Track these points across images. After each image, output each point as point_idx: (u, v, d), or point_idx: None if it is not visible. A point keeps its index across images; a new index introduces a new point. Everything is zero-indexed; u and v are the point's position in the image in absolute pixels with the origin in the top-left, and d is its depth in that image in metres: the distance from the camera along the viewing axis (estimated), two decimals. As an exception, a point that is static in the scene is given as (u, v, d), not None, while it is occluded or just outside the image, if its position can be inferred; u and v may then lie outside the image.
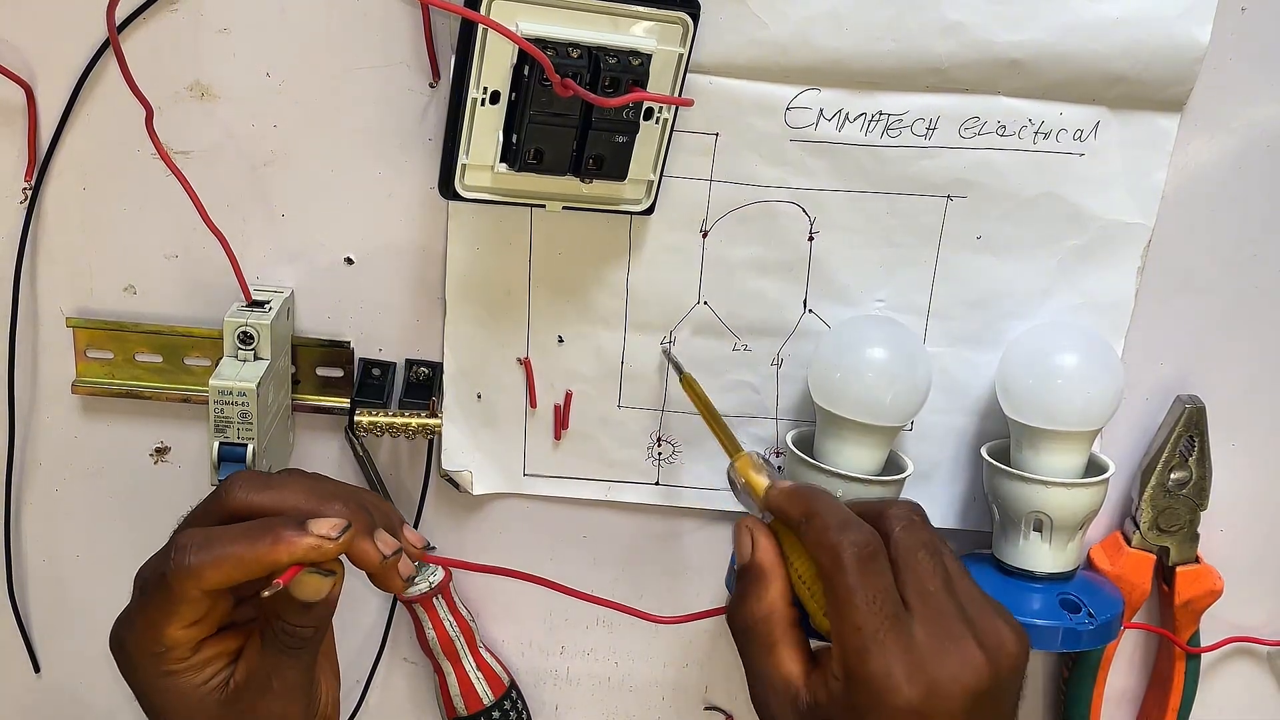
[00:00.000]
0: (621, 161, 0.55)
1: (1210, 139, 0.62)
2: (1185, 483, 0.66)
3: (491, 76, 0.52)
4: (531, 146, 0.53)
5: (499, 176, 0.54)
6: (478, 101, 0.53)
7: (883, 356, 0.61)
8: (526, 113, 0.52)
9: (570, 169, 0.55)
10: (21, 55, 0.60)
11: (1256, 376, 0.67)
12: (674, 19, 0.54)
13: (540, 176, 0.55)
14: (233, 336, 0.60)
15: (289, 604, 0.48)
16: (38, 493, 0.68)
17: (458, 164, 0.54)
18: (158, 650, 0.48)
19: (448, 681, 0.69)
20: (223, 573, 0.46)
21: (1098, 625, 0.61)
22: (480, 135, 0.53)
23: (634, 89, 0.53)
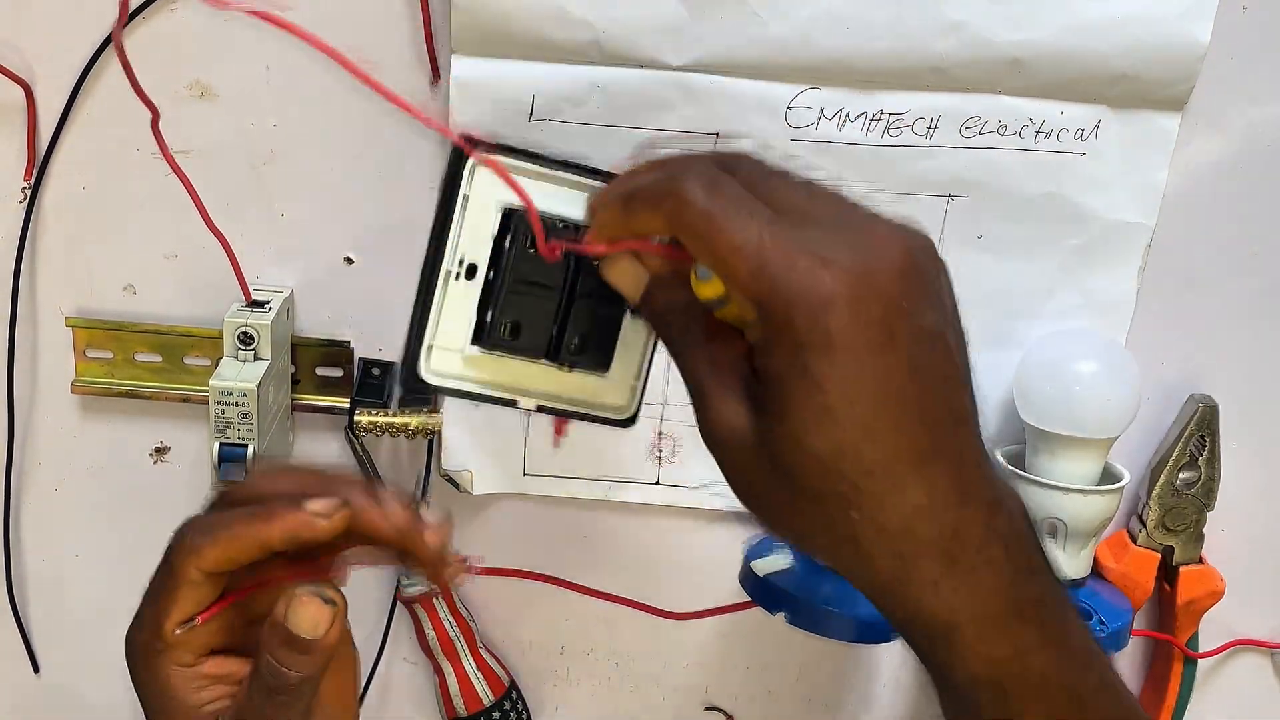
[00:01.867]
0: (606, 344, 0.49)
1: (1211, 138, 0.62)
2: (1193, 482, 0.66)
3: (470, 248, 0.46)
4: (508, 320, 0.47)
5: (470, 360, 0.47)
6: (451, 275, 0.46)
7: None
8: (505, 280, 0.46)
9: (549, 351, 0.48)
10: (21, 55, 0.60)
11: (1258, 376, 0.67)
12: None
13: (516, 362, 0.48)
14: (233, 337, 0.60)
15: (282, 638, 0.45)
16: (37, 493, 0.68)
17: (423, 345, 0.46)
18: (160, 647, 0.46)
19: (447, 682, 0.69)
20: (220, 549, 0.45)
21: (1109, 634, 0.61)
22: (451, 313, 0.46)
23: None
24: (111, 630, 0.71)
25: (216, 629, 0.47)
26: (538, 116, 0.60)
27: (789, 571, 0.62)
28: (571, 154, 0.47)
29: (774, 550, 0.63)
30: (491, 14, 0.57)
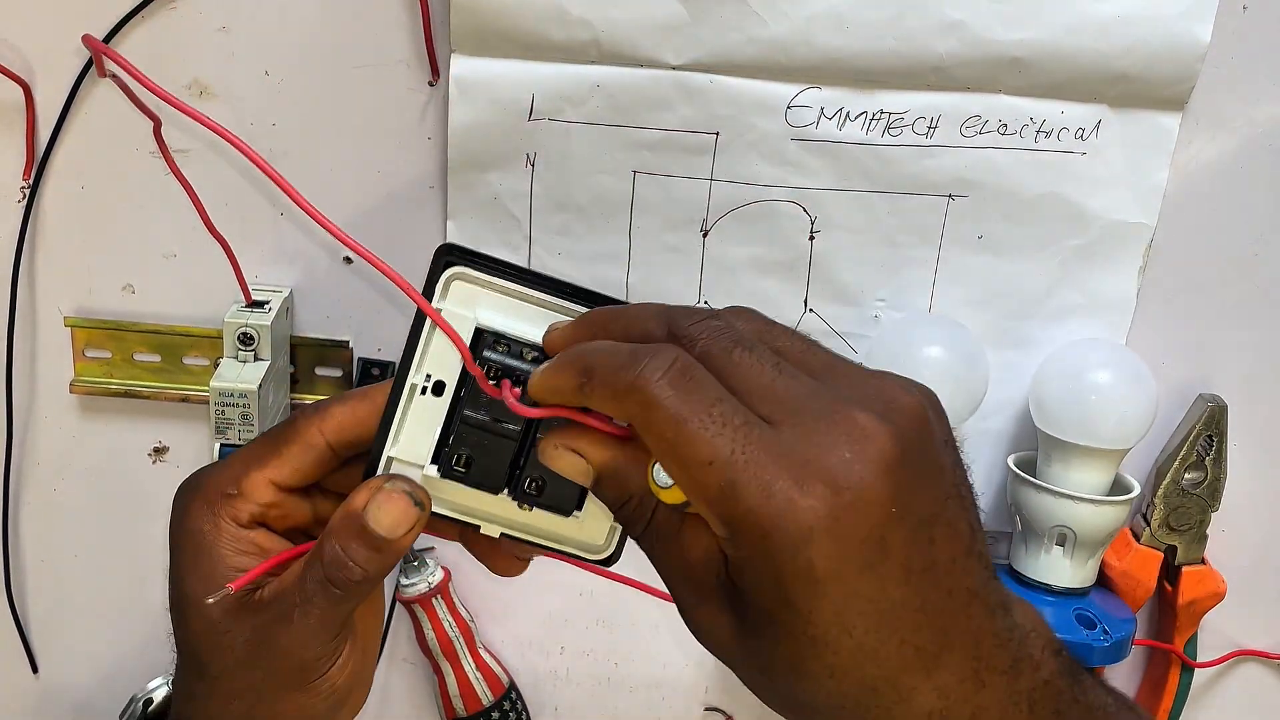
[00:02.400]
0: (566, 494, 0.44)
1: (1212, 138, 0.62)
2: (1199, 482, 0.66)
3: (437, 364, 0.43)
4: (461, 452, 0.43)
5: (429, 480, 0.44)
6: (417, 389, 0.44)
7: (939, 356, 0.61)
8: (461, 411, 0.43)
9: (506, 487, 0.44)
10: (20, 54, 0.60)
11: (1258, 376, 0.67)
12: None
13: (475, 491, 0.44)
14: (233, 337, 0.60)
15: (356, 531, 0.41)
16: (36, 492, 0.68)
17: (383, 455, 0.44)
18: (231, 493, 0.44)
19: (447, 682, 0.69)
20: (348, 410, 0.44)
21: (1112, 643, 0.61)
22: (414, 427, 0.44)
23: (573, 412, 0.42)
24: (111, 630, 0.71)
25: (290, 504, 0.45)
26: (537, 116, 0.60)
27: None
28: (558, 273, 0.44)
29: None
30: (491, 13, 0.57)
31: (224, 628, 0.43)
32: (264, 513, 0.44)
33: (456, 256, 0.43)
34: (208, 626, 0.43)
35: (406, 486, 0.42)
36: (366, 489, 0.42)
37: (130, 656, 0.72)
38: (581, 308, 0.43)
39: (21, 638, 0.71)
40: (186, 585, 0.43)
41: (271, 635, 0.43)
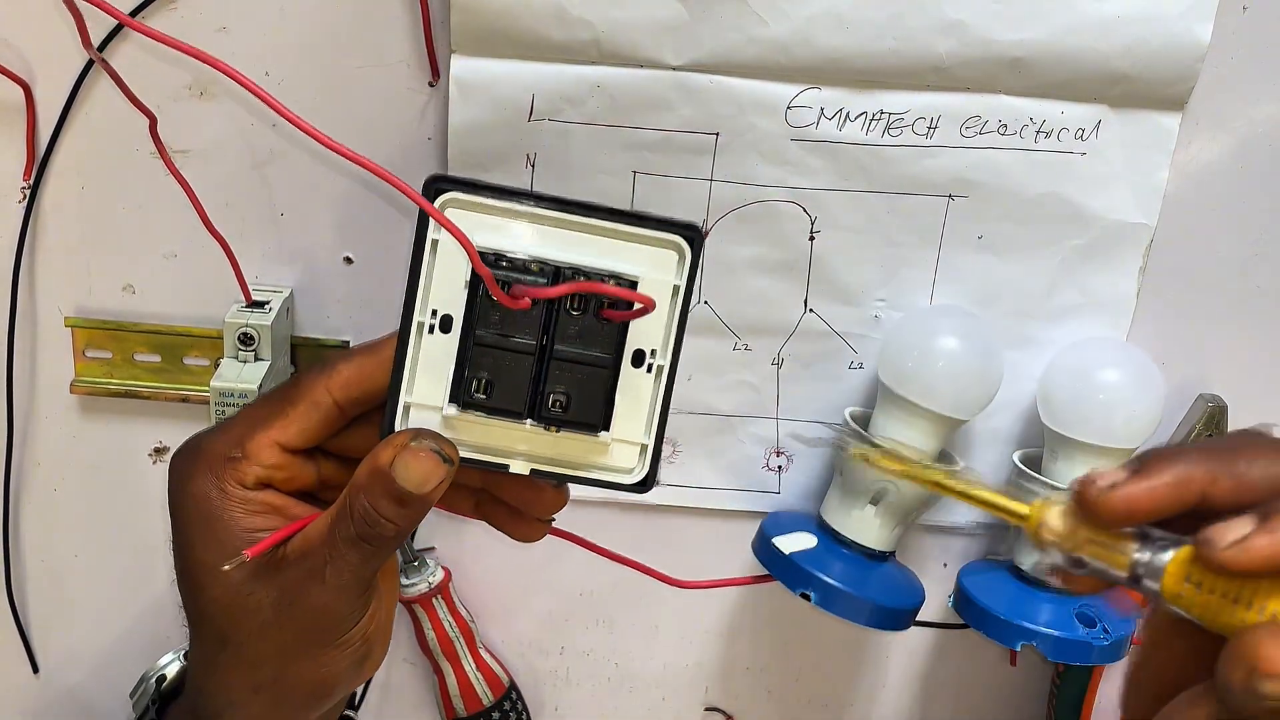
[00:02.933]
0: (592, 405, 0.43)
1: (1212, 138, 0.62)
2: None
3: (442, 297, 0.42)
4: (480, 376, 0.42)
5: (450, 421, 0.43)
6: (424, 327, 0.42)
7: (956, 347, 0.61)
8: (473, 334, 0.42)
9: (529, 410, 0.43)
10: (20, 54, 0.60)
11: (1259, 376, 0.67)
12: (667, 243, 0.43)
13: (500, 424, 0.43)
14: (233, 337, 0.60)
15: (384, 488, 0.41)
16: (36, 493, 0.68)
17: (399, 404, 0.43)
18: (236, 456, 0.43)
19: (447, 682, 0.69)
20: (355, 368, 0.43)
21: (1111, 642, 0.61)
22: (427, 369, 0.43)
23: (608, 311, 0.42)
24: (111, 630, 0.71)
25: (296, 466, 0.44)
26: (537, 116, 0.60)
27: (813, 551, 0.62)
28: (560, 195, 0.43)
29: (796, 528, 0.63)
30: (491, 14, 0.57)
31: (247, 591, 0.42)
32: (269, 475, 0.43)
33: (447, 184, 0.42)
34: (229, 592, 0.42)
35: (433, 444, 0.41)
36: (391, 445, 0.41)
37: (130, 656, 0.72)
38: (582, 218, 0.42)
39: (21, 638, 0.71)
40: (198, 553, 0.42)
41: (301, 594, 0.42)
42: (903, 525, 0.63)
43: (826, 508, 0.64)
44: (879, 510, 0.62)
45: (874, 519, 0.62)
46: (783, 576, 0.61)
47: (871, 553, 0.62)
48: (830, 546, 0.62)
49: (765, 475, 0.68)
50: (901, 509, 0.62)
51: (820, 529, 0.63)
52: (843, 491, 0.63)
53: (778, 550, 0.62)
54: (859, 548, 0.62)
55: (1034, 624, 0.60)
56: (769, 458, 0.67)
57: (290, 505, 0.44)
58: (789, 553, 0.61)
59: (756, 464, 0.68)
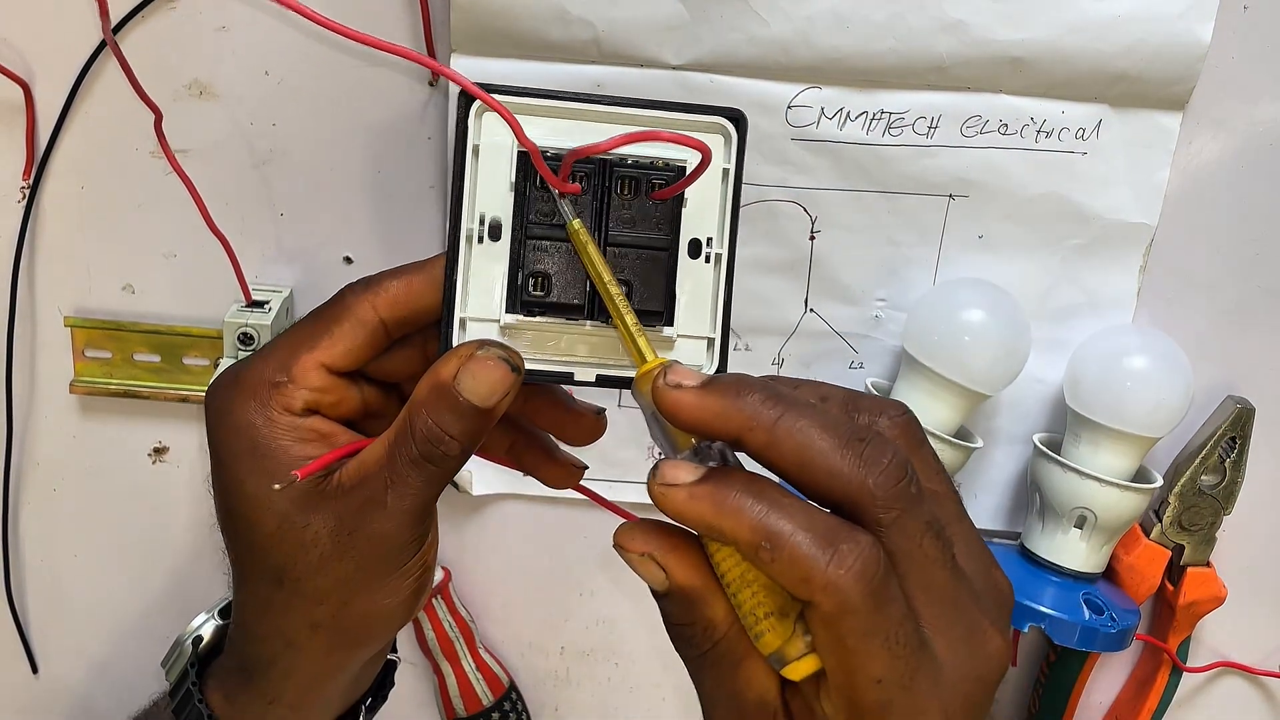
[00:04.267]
0: (654, 294, 0.41)
1: (1213, 137, 0.62)
2: (1216, 484, 0.66)
3: (489, 203, 0.41)
4: (536, 274, 0.41)
5: (508, 330, 0.41)
6: (474, 236, 0.41)
7: (984, 320, 0.61)
8: (525, 229, 0.41)
9: (589, 309, 0.41)
10: (19, 53, 0.60)
11: (1259, 376, 0.67)
12: (712, 127, 0.42)
13: (559, 326, 0.41)
14: (233, 337, 0.60)
15: (449, 403, 0.39)
16: (36, 493, 0.68)
17: (454, 320, 0.41)
18: (282, 381, 0.41)
19: (447, 683, 0.69)
20: (403, 284, 0.41)
21: (1117, 630, 0.61)
22: (480, 279, 0.41)
23: (660, 192, 0.41)
24: (111, 630, 0.71)
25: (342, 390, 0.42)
26: (538, 116, 0.60)
27: None
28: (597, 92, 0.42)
29: None
30: (491, 13, 0.57)
31: (302, 523, 0.40)
32: (317, 399, 0.41)
33: (485, 87, 0.41)
34: (283, 523, 0.40)
35: (501, 351, 0.39)
36: (455, 356, 0.39)
37: (130, 656, 0.72)
38: (621, 110, 0.42)
39: (21, 638, 0.71)
40: (248, 486, 0.40)
41: (362, 522, 0.40)
42: None
43: None
44: None
45: None
46: None
47: None
48: None
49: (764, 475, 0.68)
50: None
51: None
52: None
53: None
54: None
55: (1043, 606, 0.60)
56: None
57: (339, 432, 0.42)
58: None
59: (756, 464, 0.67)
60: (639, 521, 0.38)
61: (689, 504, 0.35)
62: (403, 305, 0.41)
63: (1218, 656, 0.72)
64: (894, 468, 0.35)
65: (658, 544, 0.37)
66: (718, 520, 0.35)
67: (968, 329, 0.61)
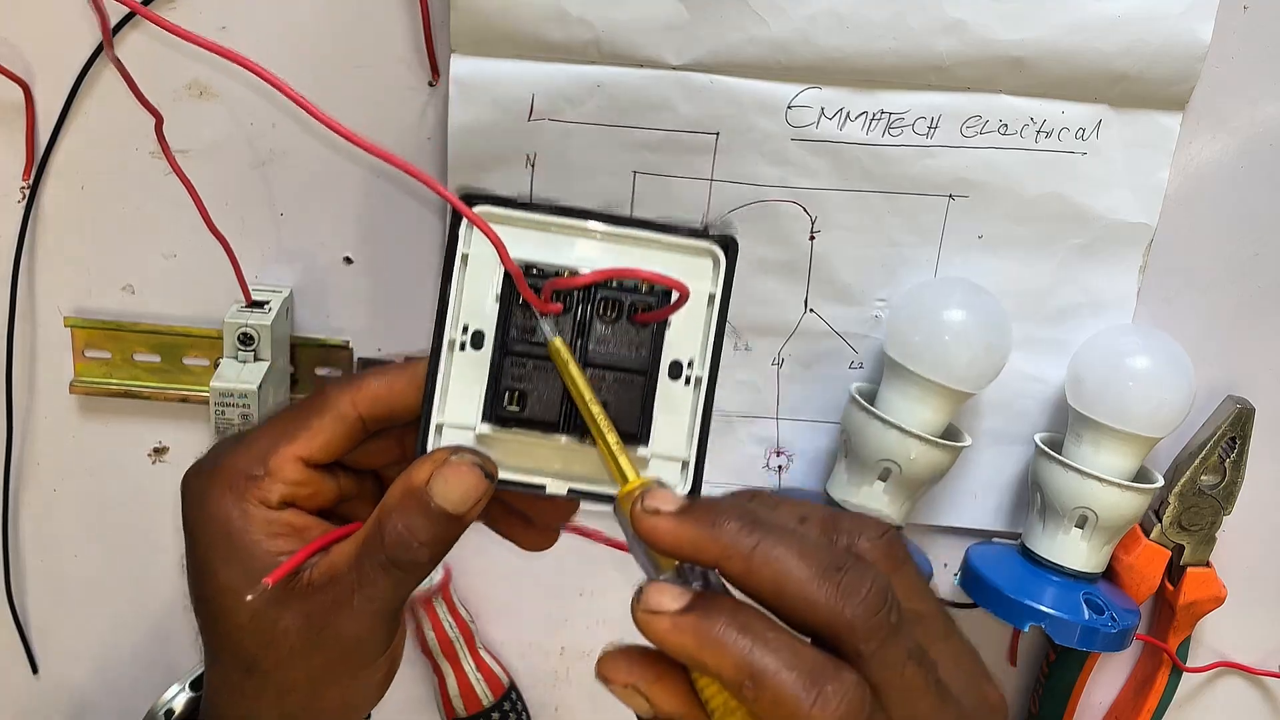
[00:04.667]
0: (629, 414, 0.41)
1: (1213, 137, 0.62)
2: (1216, 484, 0.66)
3: (473, 313, 0.42)
4: (513, 388, 0.41)
5: (483, 440, 0.42)
6: (456, 345, 0.42)
7: (965, 319, 0.61)
8: (506, 343, 0.41)
9: (563, 424, 0.41)
10: (19, 54, 0.60)
11: (1259, 376, 0.67)
12: (701, 251, 0.42)
13: (536, 441, 0.42)
14: (233, 337, 0.60)
15: (420, 508, 0.39)
16: (36, 493, 0.68)
17: (431, 425, 0.42)
18: (258, 474, 0.41)
19: (447, 683, 0.69)
20: (385, 384, 0.42)
21: (1118, 630, 0.61)
22: (459, 387, 0.42)
23: (642, 314, 0.41)
24: (111, 630, 0.71)
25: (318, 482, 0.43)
26: (537, 116, 0.60)
27: None
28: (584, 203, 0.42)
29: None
30: (491, 13, 0.57)
31: (273, 617, 0.41)
32: (294, 493, 0.42)
33: (477, 198, 0.41)
34: (255, 619, 0.41)
35: (475, 458, 0.40)
36: (430, 461, 0.40)
37: (130, 656, 0.72)
38: (613, 229, 0.42)
39: (21, 638, 0.71)
40: (221, 577, 0.41)
41: (329, 622, 0.40)
42: (911, 500, 0.63)
43: (834, 484, 0.64)
44: (887, 486, 0.62)
45: (882, 494, 0.62)
46: None
47: None
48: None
49: (765, 475, 0.68)
50: (910, 483, 0.62)
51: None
52: (850, 469, 0.63)
53: None
54: None
55: (1043, 605, 0.60)
56: (769, 458, 0.67)
57: (312, 526, 0.42)
58: None
59: (757, 464, 0.68)
60: (622, 651, 0.38)
61: (672, 634, 0.35)
62: (383, 403, 0.42)
63: (1217, 656, 0.72)
64: (873, 597, 0.35)
65: (641, 674, 0.37)
66: (701, 653, 0.35)
67: (947, 328, 0.61)
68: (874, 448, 0.61)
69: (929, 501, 0.67)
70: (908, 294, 0.63)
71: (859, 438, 0.62)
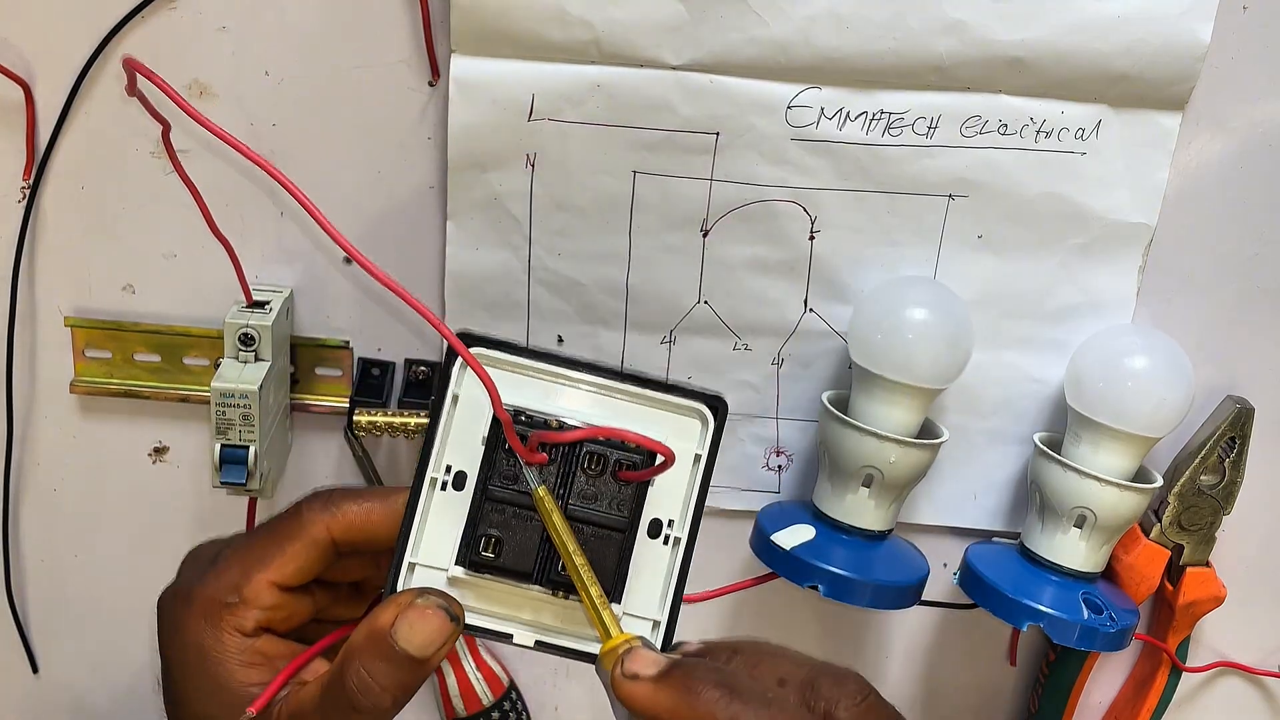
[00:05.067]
0: (606, 568, 0.41)
1: (1212, 137, 0.62)
2: (1215, 484, 0.66)
3: (458, 454, 0.42)
4: (490, 534, 0.41)
5: (455, 583, 0.41)
6: (437, 484, 0.42)
7: (924, 317, 0.61)
8: (488, 488, 0.41)
9: (537, 575, 0.41)
10: (20, 53, 0.60)
11: (1259, 376, 0.67)
12: (690, 411, 0.43)
13: (508, 589, 0.42)
14: (234, 338, 0.60)
15: (383, 652, 0.39)
16: (36, 493, 0.68)
17: (404, 563, 0.41)
18: (232, 602, 0.42)
19: (447, 683, 0.69)
20: (363, 511, 0.42)
21: (1117, 630, 0.61)
22: (436, 527, 0.42)
23: (625, 472, 0.41)
24: (111, 630, 0.71)
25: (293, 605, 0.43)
26: (537, 116, 0.60)
27: (814, 542, 0.61)
28: (577, 354, 0.43)
29: (793, 520, 0.63)
30: (491, 13, 0.57)
31: None
32: (269, 618, 0.42)
33: (473, 340, 0.42)
34: None
35: (441, 601, 0.40)
36: (394, 604, 0.40)
37: (130, 656, 0.72)
38: (604, 382, 0.42)
39: (21, 638, 0.71)
40: (195, 705, 0.42)
41: None
42: (898, 502, 0.63)
43: (819, 495, 0.64)
44: (872, 492, 0.62)
45: (868, 500, 0.62)
46: (787, 572, 0.61)
47: (871, 534, 0.62)
48: (829, 534, 0.62)
49: (765, 475, 0.68)
50: (893, 487, 0.62)
51: (816, 518, 0.63)
52: (832, 477, 0.63)
53: (778, 547, 0.61)
54: (858, 531, 0.62)
55: (1042, 605, 0.60)
56: (769, 457, 0.67)
57: (285, 654, 0.43)
58: (790, 548, 0.61)
59: (756, 464, 0.68)
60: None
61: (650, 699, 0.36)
62: (357, 532, 0.42)
63: (1217, 656, 0.72)
64: None
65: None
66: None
67: (909, 327, 0.61)
68: (853, 456, 0.61)
69: (929, 502, 0.68)
70: (865, 298, 0.63)
71: (837, 447, 0.62)
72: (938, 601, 0.69)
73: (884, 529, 0.63)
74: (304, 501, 0.43)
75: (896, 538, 0.65)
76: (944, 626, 0.72)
